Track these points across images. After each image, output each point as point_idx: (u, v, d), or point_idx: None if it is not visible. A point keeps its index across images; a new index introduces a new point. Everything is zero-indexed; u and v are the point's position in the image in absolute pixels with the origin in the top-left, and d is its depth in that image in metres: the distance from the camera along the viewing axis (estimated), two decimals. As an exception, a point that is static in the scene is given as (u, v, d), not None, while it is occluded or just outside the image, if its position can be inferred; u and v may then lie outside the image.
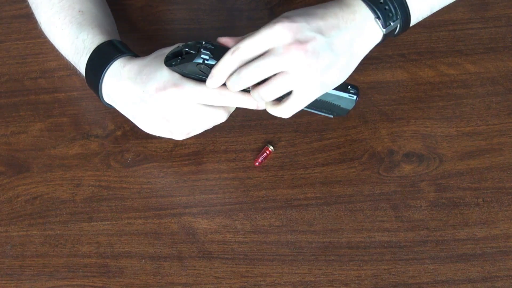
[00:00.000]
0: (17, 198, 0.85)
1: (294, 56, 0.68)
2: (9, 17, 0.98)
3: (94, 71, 0.80)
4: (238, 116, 0.88)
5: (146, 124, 0.80)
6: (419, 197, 0.82)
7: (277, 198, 0.83)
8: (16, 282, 0.80)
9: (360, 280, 0.77)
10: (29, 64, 0.94)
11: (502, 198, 0.81)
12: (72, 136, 0.89)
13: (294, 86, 0.70)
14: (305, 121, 0.88)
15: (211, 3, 0.98)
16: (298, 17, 0.69)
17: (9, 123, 0.90)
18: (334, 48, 0.70)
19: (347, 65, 0.72)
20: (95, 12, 0.85)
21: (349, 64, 0.72)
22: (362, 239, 0.80)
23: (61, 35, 0.84)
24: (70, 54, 0.84)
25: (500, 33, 0.92)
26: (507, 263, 0.77)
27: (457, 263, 0.78)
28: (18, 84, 0.93)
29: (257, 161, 0.85)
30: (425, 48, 0.92)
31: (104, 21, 0.85)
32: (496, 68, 0.90)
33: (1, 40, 0.97)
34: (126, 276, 0.79)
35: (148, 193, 0.84)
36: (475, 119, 0.86)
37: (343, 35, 0.70)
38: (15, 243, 0.82)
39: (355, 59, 0.72)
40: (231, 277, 0.78)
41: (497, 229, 0.79)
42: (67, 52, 0.84)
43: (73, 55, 0.83)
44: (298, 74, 0.69)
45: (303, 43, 0.68)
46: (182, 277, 0.79)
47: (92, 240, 0.82)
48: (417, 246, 0.79)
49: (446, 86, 0.89)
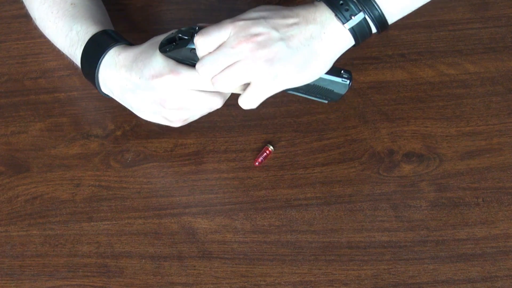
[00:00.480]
0: (17, 198, 0.85)
1: (243, 47, 0.71)
2: (9, 17, 0.98)
3: (90, 61, 0.80)
4: (238, 116, 0.88)
5: (143, 112, 0.80)
6: (419, 197, 0.82)
7: (277, 198, 0.83)
8: (16, 282, 0.80)
9: (360, 280, 0.77)
10: (29, 64, 0.94)
11: (502, 198, 0.81)
12: (72, 136, 0.89)
13: (247, 77, 0.72)
14: (305, 121, 0.88)
15: (211, 3, 0.98)
16: (260, 13, 0.72)
17: (9, 123, 0.90)
18: (290, 43, 0.71)
19: (306, 62, 0.72)
20: (87, 4, 0.85)
21: (309, 62, 0.72)
22: (362, 239, 0.80)
23: (55, 29, 0.85)
24: (65, 47, 0.84)
25: (500, 33, 0.92)
26: (507, 263, 0.77)
27: (457, 263, 0.78)
28: (18, 84, 0.93)
29: (257, 161, 0.85)
30: (425, 48, 0.92)
31: (97, 11, 0.86)
32: (496, 68, 0.90)
33: (1, 40, 0.97)
34: (126, 276, 0.79)
35: (148, 193, 0.84)
36: (475, 119, 0.86)
37: (302, 33, 0.72)
38: (15, 243, 0.82)
39: (317, 58, 0.73)
40: (231, 277, 0.78)
41: (497, 229, 0.79)
42: (62, 45, 0.85)
43: (68, 48, 0.84)
44: (248, 64, 0.71)
45: (254, 36, 0.71)
46: (182, 277, 0.79)
47: (92, 240, 0.82)
48: (417, 246, 0.79)
49: (446, 86, 0.89)
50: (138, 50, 0.78)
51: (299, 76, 0.73)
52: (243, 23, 0.72)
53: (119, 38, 0.81)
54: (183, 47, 0.74)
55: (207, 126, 0.88)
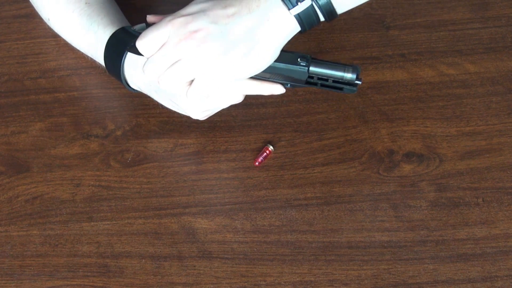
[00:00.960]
0: (17, 198, 0.85)
1: (183, 45, 0.71)
2: (9, 17, 0.98)
3: (113, 62, 0.81)
4: (238, 116, 0.88)
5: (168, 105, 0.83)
6: (419, 197, 0.82)
7: (277, 198, 0.83)
8: (16, 282, 0.80)
9: (360, 280, 0.77)
10: (29, 64, 0.94)
11: (502, 198, 0.81)
12: (72, 136, 0.89)
13: (190, 74, 0.73)
14: (305, 121, 0.88)
15: (211, 3, 0.97)
16: (201, 5, 0.72)
17: (9, 123, 0.90)
18: (230, 35, 0.71)
19: (251, 52, 0.72)
20: (102, 2, 0.86)
21: (254, 51, 0.72)
22: (362, 239, 0.80)
23: (72, 29, 0.86)
24: (84, 47, 0.86)
25: (500, 33, 0.92)
26: (507, 263, 0.77)
27: (457, 263, 0.78)
28: (18, 84, 0.93)
29: (257, 161, 0.85)
30: (425, 48, 0.92)
31: (111, 8, 0.86)
32: (496, 68, 0.90)
33: (1, 40, 0.97)
34: (126, 276, 0.79)
35: (148, 193, 0.84)
36: (475, 119, 0.86)
37: (243, 22, 0.71)
38: (15, 243, 0.82)
39: (262, 46, 0.72)
40: (231, 277, 0.78)
41: (497, 229, 0.79)
42: (80, 45, 0.86)
43: (87, 48, 0.86)
44: (189, 61, 0.72)
45: (193, 33, 0.71)
46: (182, 277, 0.79)
47: (92, 240, 0.82)
48: (417, 246, 0.79)
49: (446, 86, 0.89)
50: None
51: (244, 67, 0.73)
52: (183, 19, 0.71)
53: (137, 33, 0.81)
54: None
55: (207, 126, 0.88)
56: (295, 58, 0.76)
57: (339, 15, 0.73)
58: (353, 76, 0.75)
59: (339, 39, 0.93)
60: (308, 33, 0.94)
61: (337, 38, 0.93)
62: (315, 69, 0.76)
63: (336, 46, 0.92)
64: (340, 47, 0.92)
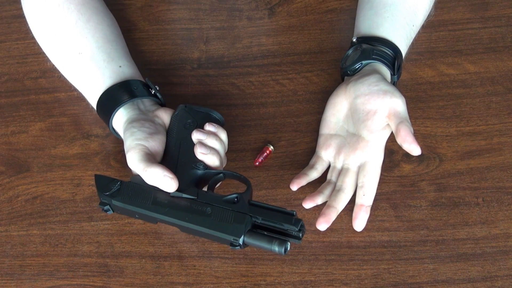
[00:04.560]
0: (17, 198, 0.85)
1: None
2: (9, 17, 0.98)
3: (104, 118, 0.83)
4: (238, 116, 0.88)
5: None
6: (419, 196, 0.82)
7: (277, 198, 0.83)
8: (16, 282, 0.80)
9: (360, 279, 0.77)
10: (29, 64, 0.94)
11: (502, 198, 0.81)
12: (72, 135, 0.89)
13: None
14: (305, 121, 0.88)
15: (211, 3, 0.98)
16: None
17: (9, 122, 0.90)
18: None
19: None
20: (95, 51, 0.84)
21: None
22: (362, 238, 0.80)
23: (68, 75, 0.87)
24: (78, 90, 0.88)
25: (500, 33, 0.92)
26: (507, 262, 0.77)
27: (457, 262, 0.78)
28: (18, 84, 0.93)
29: (257, 161, 0.85)
30: (425, 48, 0.92)
31: (105, 57, 0.84)
32: (496, 68, 0.90)
33: (1, 40, 0.97)
34: (126, 275, 0.79)
35: (148, 193, 0.84)
36: (475, 119, 0.87)
37: None
38: (15, 243, 0.82)
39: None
40: (231, 276, 0.79)
41: (497, 228, 0.80)
42: (74, 87, 0.88)
43: (83, 93, 0.87)
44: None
45: None
46: (182, 277, 0.79)
47: (92, 240, 0.82)
48: (417, 245, 0.79)
49: (446, 86, 0.89)
50: (127, 134, 0.78)
51: None
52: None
53: (124, 93, 0.81)
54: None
55: (207, 126, 0.88)
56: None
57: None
58: (281, 249, 0.69)
59: (339, 39, 0.93)
60: (308, 33, 0.94)
61: (337, 38, 0.93)
62: (249, 241, 0.72)
63: (336, 46, 0.92)
64: (340, 47, 0.92)
